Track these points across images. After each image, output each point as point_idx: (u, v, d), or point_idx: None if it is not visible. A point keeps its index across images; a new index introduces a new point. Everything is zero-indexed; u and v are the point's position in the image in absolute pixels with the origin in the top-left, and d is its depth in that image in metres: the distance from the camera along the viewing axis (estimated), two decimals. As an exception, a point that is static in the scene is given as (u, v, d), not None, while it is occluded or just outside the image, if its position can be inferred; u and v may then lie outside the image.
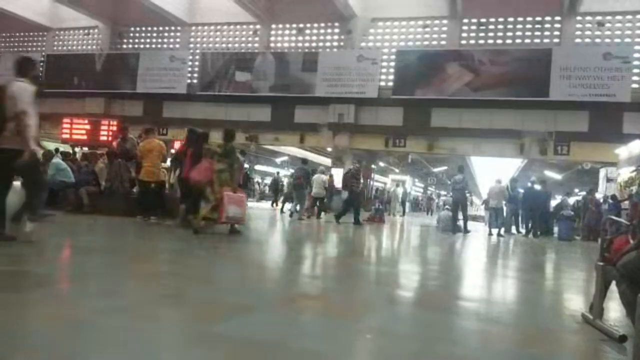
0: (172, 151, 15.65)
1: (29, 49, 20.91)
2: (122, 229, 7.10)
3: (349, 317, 2.87)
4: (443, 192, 45.40)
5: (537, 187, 13.81)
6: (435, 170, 31.60)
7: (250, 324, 2.50)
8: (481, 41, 15.71)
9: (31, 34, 20.94)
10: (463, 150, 16.83)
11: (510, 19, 15.42)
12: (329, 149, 17.99)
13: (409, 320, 3.00)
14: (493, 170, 20.93)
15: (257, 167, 30.98)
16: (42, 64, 19.08)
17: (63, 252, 4.86)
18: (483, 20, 15.69)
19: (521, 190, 13.69)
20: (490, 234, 12.47)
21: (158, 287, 3.32)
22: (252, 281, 3.89)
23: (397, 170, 29.57)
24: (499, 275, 5.89)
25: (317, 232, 9.85)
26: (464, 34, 15.98)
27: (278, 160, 29.53)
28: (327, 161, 19.20)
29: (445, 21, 16.17)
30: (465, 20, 15.91)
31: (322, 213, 13.06)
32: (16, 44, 21.41)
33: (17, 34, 21.22)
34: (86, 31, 20.19)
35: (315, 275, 4.81)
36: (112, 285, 3.25)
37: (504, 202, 12.87)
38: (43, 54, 19.67)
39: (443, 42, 16.19)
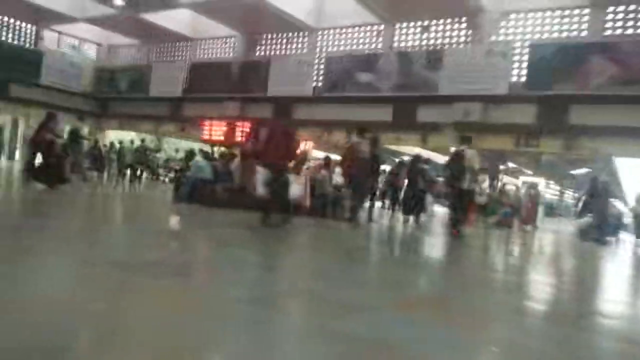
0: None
1: (176, 57, 23.28)
2: (250, 223, 7.64)
3: (472, 326, 2.81)
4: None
5: None
6: (575, 172, 28.92)
7: (368, 323, 2.57)
8: (629, 31, 14.03)
9: (177, 44, 23.29)
10: (606, 150, 15.20)
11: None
12: (452, 149, 17.41)
13: (539, 334, 2.84)
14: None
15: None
16: (185, 71, 21.11)
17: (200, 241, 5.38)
18: (631, 7, 14.02)
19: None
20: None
21: (279, 280, 3.55)
22: (376, 280, 3.96)
23: (529, 172, 27.63)
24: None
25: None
26: (608, 24, 14.41)
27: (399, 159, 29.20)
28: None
29: (586, 10, 14.73)
30: (611, 9, 14.34)
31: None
32: (165, 54, 23.96)
33: (166, 45, 23.72)
34: (224, 40, 21.93)
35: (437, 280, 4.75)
36: (243, 276, 3.54)
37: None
38: (187, 62, 21.73)
39: (584, 33, 14.76)
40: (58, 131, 9.97)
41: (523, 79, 14.96)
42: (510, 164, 21.08)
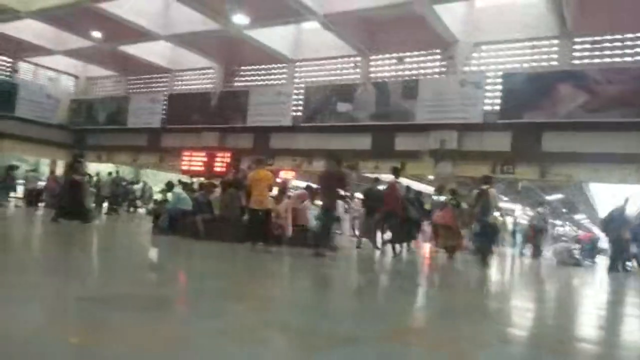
0: (278, 180, 16.44)
1: (154, 89, 23.30)
2: (232, 254, 7.58)
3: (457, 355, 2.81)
4: (558, 222, 42.19)
5: None
6: (549, 198, 29.50)
7: (351, 356, 2.56)
8: (596, 60, 14.64)
9: (155, 75, 23.35)
10: (580, 176, 15.60)
11: (629, 35, 14.24)
12: (431, 177, 17.65)
13: None
14: (613, 197, 19.08)
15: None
16: (164, 103, 21.12)
17: (181, 275, 5.30)
18: (597, 38, 14.66)
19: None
20: (613, 268, 11.38)
21: (262, 312, 3.51)
22: (351, 310, 3.95)
23: (505, 199, 28.08)
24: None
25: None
26: (576, 53, 15.00)
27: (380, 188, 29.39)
28: (430, 189, 18.83)
29: (555, 41, 15.33)
30: (577, 39, 14.97)
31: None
32: (143, 85, 23.96)
33: (143, 77, 23.75)
34: (202, 72, 22.09)
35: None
36: (220, 307, 3.49)
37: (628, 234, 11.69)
38: (165, 93, 21.76)
39: (554, 63, 15.34)
40: (83, 171, 10.81)
41: (497, 107, 15.38)
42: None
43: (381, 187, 11.75)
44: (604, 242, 13.43)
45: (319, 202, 9.44)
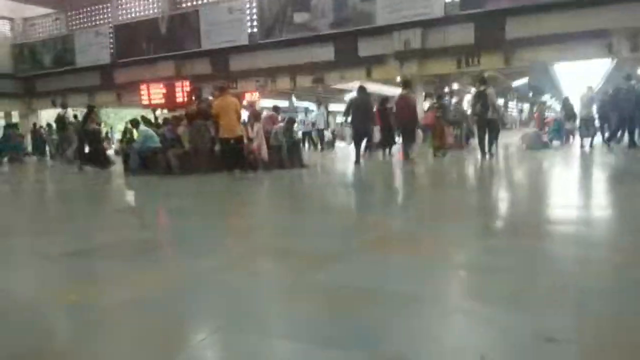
0: (244, 103, 16.02)
1: (98, 22, 21.69)
2: (211, 185, 7.53)
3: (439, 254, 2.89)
4: (526, 106, 42.95)
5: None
6: (515, 84, 29.70)
7: (344, 270, 2.60)
8: None
9: (96, 7, 21.63)
10: (544, 58, 15.60)
11: None
12: (398, 79, 17.44)
13: (503, 252, 2.95)
14: (580, 78, 19.33)
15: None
16: (111, 35, 19.85)
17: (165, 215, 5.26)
18: None
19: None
20: (582, 146, 11.76)
21: (251, 242, 3.53)
22: (333, 226, 3.99)
23: (472, 90, 28.18)
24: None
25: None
26: None
27: (347, 97, 29.01)
28: (398, 91, 18.65)
29: None
30: None
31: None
32: (85, 20, 22.26)
33: (84, 10, 21.99)
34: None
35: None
36: (208, 242, 3.48)
37: (594, 111, 11.93)
38: (110, 25, 20.36)
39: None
40: (99, 120, 11.55)
41: (457, -2, 14.91)
42: (455, 85, 21.36)
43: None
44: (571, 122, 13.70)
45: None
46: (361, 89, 10.14)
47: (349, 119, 9.97)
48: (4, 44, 22.12)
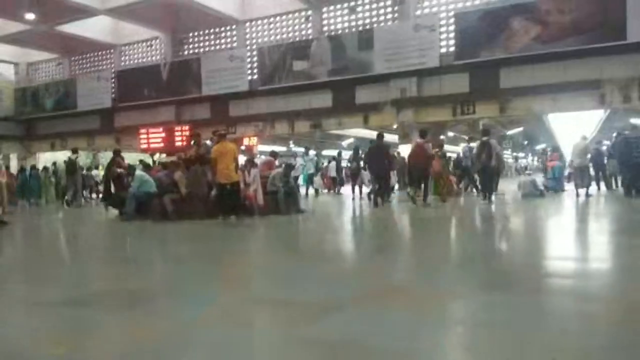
0: (242, 148, 16.15)
1: (100, 67, 22.18)
2: (206, 232, 7.45)
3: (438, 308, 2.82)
4: (521, 155, 43.38)
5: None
6: (510, 132, 30.11)
7: (338, 323, 2.52)
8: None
9: (99, 53, 22.18)
10: (538, 108, 15.87)
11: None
12: (395, 126, 17.67)
13: (501, 307, 2.88)
14: (573, 127, 19.60)
15: (324, 152, 31.13)
16: (113, 80, 20.21)
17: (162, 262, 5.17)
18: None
19: (607, 143, 12.68)
20: (577, 194, 11.78)
21: (247, 290, 3.44)
22: (325, 275, 3.91)
23: (467, 138, 28.51)
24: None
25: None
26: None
27: (344, 143, 29.37)
28: (394, 138, 18.87)
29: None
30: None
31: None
32: (89, 65, 22.75)
33: (87, 56, 22.53)
34: (148, 43, 21.08)
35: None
36: (203, 292, 3.40)
37: (588, 160, 12.03)
38: (113, 71, 20.77)
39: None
40: (125, 164, 11.73)
41: (452, 49, 15.32)
42: (450, 133, 21.65)
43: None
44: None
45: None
46: (379, 137, 11.36)
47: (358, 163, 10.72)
48: (7, 88, 22.45)
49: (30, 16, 17.49)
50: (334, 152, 32.09)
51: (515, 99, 14.98)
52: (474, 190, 13.50)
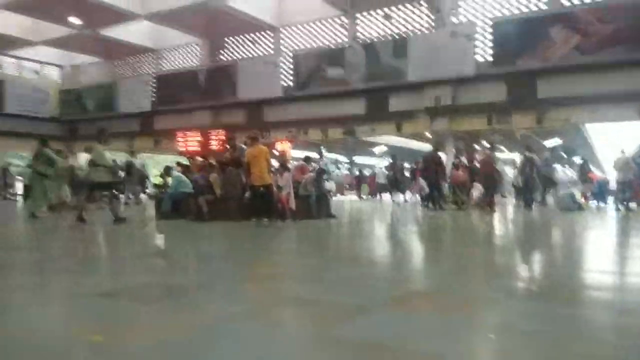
0: (275, 152, 16.34)
1: (141, 71, 22.91)
2: (239, 232, 7.61)
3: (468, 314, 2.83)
4: (559, 167, 42.13)
5: None
6: (549, 144, 29.25)
7: (367, 325, 2.57)
8: (587, -1, 14.34)
9: (141, 56, 22.93)
10: (576, 119, 15.50)
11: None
12: (428, 135, 17.58)
13: (534, 315, 2.87)
14: (614, 139, 19.01)
15: (356, 158, 31.17)
16: (153, 84, 20.82)
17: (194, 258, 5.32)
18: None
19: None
20: (617, 209, 11.46)
21: (277, 289, 3.52)
22: (355, 278, 3.96)
23: (503, 149, 27.96)
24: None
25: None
26: (567, -6, 14.70)
27: (376, 150, 29.17)
28: (428, 147, 18.75)
29: (544, -19, 14.99)
30: (567, -23, 14.64)
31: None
32: (130, 68, 23.56)
33: (130, 59, 23.33)
34: (187, 48, 21.68)
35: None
36: (235, 289, 3.51)
37: (631, 175, 11.71)
38: (153, 75, 21.40)
39: (543, 6, 15.06)
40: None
41: (489, 57, 15.16)
42: (485, 143, 21.31)
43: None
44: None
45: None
46: (435, 149, 13.34)
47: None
48: (53, 89, 23.43)
49: (75, 20, 18.26)
50: (366, 159, 32.18)
51: (552, 109, 14.69)
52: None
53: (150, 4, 17.88)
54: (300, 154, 18.77)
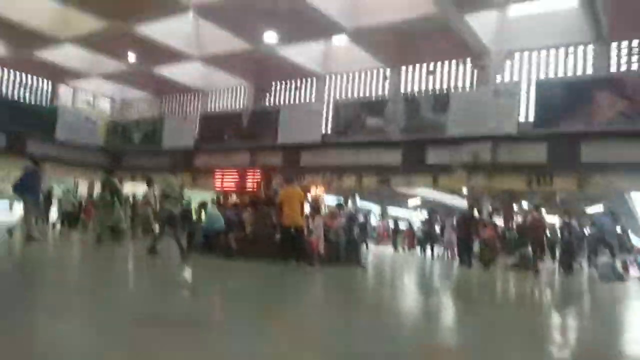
0: (309, 196, 16.41)
1: (187, 109, 23.79)
2: (268, 273, 7.55)
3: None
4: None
5: None
6: (590, 210, 28.35)
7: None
8: (634, 65, 14.16)
9: (188, 95, 23.90)
10: (620, 185, 14.95)
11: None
12: (464, 191, 17.32)
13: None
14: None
15: (389, 209, 30.89)
16: (197, 123, 21.52)
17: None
18: (635, 41, 14.21)
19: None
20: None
21: (297, 333, 3.44)
22: (380, 328, 3.83)
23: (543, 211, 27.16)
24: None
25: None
26: (613, 59, 14.57)
27: (410, 202, 28.95)
28: (464, 203, 18.46)
29: (590, 47, 14.94)
30: (614, 44, 14.54)
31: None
32: (176, 106, 24.51)
33: (177, 97, 24.32)
34: (234, 90, 22.45)
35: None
36: (254, 328, 3.44)
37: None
38: (198, 113, 22.15)
39: (590, 70, 14.94)
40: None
41: (531, 118, 14.98)
42: (525, 203, 20.85)
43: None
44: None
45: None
46: (471, 206, 14.52)
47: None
48: (102, 120, 24.53)
49: (132, 57, 19.27)
50: (399, 210, 31.84)
51: (596, 174, 14.23)
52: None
53: (206, 47, 18.74)
54: (333, 200, 18.77)
